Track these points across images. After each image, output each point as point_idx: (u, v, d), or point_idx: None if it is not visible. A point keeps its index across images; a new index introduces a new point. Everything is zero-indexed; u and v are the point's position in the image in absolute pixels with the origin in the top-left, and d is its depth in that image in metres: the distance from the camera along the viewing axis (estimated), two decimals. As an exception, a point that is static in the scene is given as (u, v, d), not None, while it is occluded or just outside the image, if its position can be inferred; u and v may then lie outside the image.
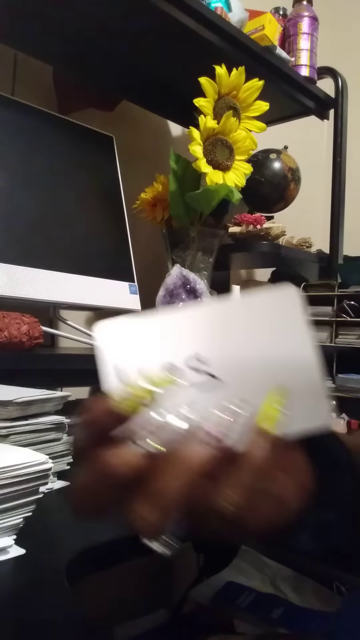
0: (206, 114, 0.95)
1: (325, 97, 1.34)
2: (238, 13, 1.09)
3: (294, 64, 1.26)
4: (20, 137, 0.90)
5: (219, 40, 1.00)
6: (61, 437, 0.52)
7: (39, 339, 0.74)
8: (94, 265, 0.94)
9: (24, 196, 0.87)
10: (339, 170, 1.38)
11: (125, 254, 1.02)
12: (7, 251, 0.81)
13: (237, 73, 0.96)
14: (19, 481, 0.38)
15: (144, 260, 1.13)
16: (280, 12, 1.34)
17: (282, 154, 1.29)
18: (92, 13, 0.91)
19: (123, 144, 1.12)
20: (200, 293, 0.99)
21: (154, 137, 1.36)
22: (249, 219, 1.18)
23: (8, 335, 0.70)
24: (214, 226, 1.13)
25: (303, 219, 1.58)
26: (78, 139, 1.00)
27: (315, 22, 1.30)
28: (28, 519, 0.39)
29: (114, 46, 1.02)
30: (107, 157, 1.06)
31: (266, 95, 1.01)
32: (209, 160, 0.97)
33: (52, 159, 0.94)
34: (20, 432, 0.48)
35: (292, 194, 1.33)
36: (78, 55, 1.05)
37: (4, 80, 1.03)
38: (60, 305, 0.90)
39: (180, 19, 0.92)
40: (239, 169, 1.01)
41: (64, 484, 0.52)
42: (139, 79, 1.13)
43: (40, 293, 0.83)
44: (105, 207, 1.01)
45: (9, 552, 0.37)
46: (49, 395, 0.51)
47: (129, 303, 0.98)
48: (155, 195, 1.13)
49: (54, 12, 0.91)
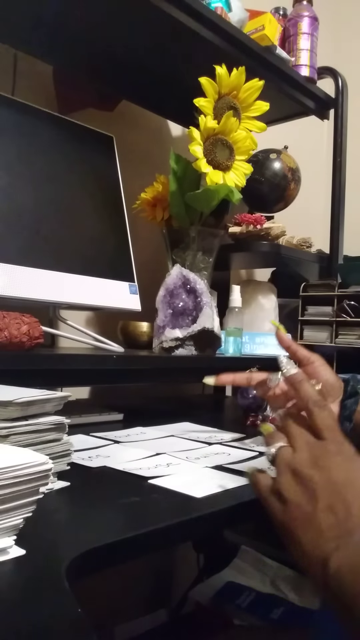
0: (206, 114, 0.95)
1: (325, 97, 1.34)
2: (238, 13, 1.09)
3: (294, 64, 1.26)
4: (20, 137, 0.90)
5: (219, 40, 1.00)
6: (61, 438, 0.52)
7: (39, 339, 0.74)
8: (94, 265, 0.94)
9: (24, 196, 0.87)
10: (339, 170, 1.38)
11: (125, 254, 1.02)
12: (7, 251, 0.81)
13: (237, 73, 0.96)
14: (19, 482, 0.37)
15: (144, 260, 1.13)
16: (280, 12, 1.34)
17: (282, 154, 1.29)
18: (92, 13, 0.91)
19: (123, 144, 1.12)
20: (200, 293, 0.99)
21: (154, 137, 1.36)
22: (249, 219, 1.18)
23: (8, 335, 0.70)
24: (214, 226, 1.13)
25: (303, 219, 1.58)
26: (78, 139, 1.00)
27: (315, 22, 1.30)
28: (28, 520, 0.39)
29: (114, 46, 1.02)
30: (107, 157, 1.06)
31: (266, 95, 1.01)
32: (209, 160, 0.97)
33: (52, 159, 0.94)
34: (20, 432, 0.48)
35: (292, 194, 1.33)
36: (78, 55, 1.05)
37: (4, 80, 1.03)
38: (60, 305, 0.90)
39: (180, 19, 0.92)
40: (239, 169, 1.01)
41: (64, 484, 0.52)
42: (139, 79, 1.13)
43: (40, 293, 0.83)
44: (105, 207, 1.01)
45: (9, 553, 0.36)
46: (49, 395, 0.51)
47: (129, 303, 0.98)
48: (155, 195, 1.13)
49: (54, 12, 0.91)
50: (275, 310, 1.31)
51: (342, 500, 0.40)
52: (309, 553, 0.39)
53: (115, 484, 0.54)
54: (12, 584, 0.33)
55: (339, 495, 0.40)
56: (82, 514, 0.47)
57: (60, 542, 0.41)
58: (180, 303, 1.00)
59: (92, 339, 0.92)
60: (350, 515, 0.38)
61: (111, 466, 0.59)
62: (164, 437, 0.76)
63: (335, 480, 0.41)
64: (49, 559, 0.37)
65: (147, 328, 1.09)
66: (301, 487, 0.42)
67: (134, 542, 0.42)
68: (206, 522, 0.46)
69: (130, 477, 0.56)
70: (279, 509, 0.42)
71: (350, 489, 0.40)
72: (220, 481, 0.54)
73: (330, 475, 0.41)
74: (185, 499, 0.49)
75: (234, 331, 1.10)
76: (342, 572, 0.36)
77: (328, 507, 0.39)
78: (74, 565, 0.36)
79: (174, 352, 0.98)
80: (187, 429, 0.83)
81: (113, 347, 0.91)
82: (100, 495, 0.50)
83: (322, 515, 0.39)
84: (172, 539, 0.48)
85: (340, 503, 0.39)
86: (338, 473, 0.41)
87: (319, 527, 0.39)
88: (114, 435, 0.75)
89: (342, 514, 0.39)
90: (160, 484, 0.53)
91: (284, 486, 0.43)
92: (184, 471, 0.58)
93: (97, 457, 0.62)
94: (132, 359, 0.91)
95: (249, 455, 0.67)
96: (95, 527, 0.44)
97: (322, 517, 0.39)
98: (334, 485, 0.41)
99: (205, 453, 0.66)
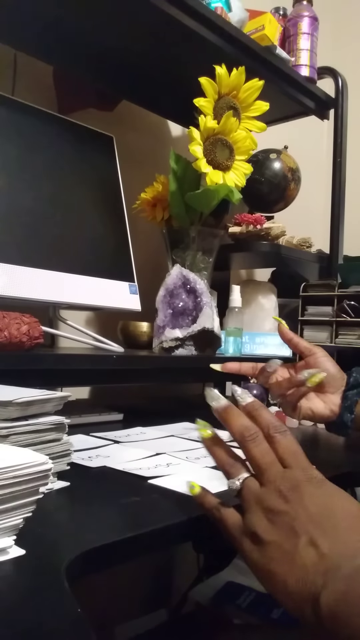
0: (206, 114, 0.95)
1: (325, 97, 1.34)
2: (238, 13, 1.09)
3: (294, 64, 1.26)
4: (20, 137, 0.90)
5: (219, 40, 1.00)
6: (61, 438, 0.52)
7: (39, 339, 0.74)
8: (94, 265, 0.94)
9: (24, 196, 0.87)
10: (339, 170, 1.38)
11: (125, 254, 1.02)
12: (7, 251, 0.81)
13: (237, 73, 0.96)
14: (19, 482, 0.37)
15: (144, 260, 1.13)
16: (280, 12, 1.34)
17: (282, 154, 1.29)
18: (92, 13, 0.91)
19: (123, 144, 1.12)
20: (200, 293, 0.99)
21: (154, 137, 1.36)
22: (249, 219, 1.18)
23: (8, 335, 0.70)
24: (214, 226, 1.13)
25: (303, 219, 1.58)
26: (78, 139, 1.00)
27: (315, 22, 1.30)
28: (28, 520, 0.39)
29: (114, 46, 1.02)
30: (107, 157, 1.06)
31: (266, 95, 1.01)
32: (209, 160, 0.97)
33: (52, 159, 0.94)
34: (20, 432, 0.48)
35: (292, 194, 1.33)
36: (78, 55, 1.05)
37: (4, 80, 1.03)
38: (60, 305, 0.90)
39: (180, 19, 0.92)
40: (239, 169, 1.01)
41: (64, 484, 0.52)
42: (139, 79, 1.13)
43: (40, 293, 0.83)
44: (105, 207, 1.01)
45: (9, 553, 0.36)
46: (49, 395, 0.51)
47: (129, 303, 0.98)
48: (155, 195, 1.13)
49: (53, 12, 0.91)
50: (275, 310, 1.31)
51: (322, 531, 0.37)
52: (295, 594, 0.36)
53: (115, 484, 0.54)
54: (12, 584, 0.33)
55: (318, 526, 0.38)
56: (82, 514, 0.47)
57: (60, 542, 0.41)
58: (180, 303, 1.00)
59: (92, 339, 0.92)
60: (333, 547, 0.36)
61: (111, 466, 0.59)
62: (164, 437, 0.76)
63: (310, 511, 0.39)
64: (49, 559, 0.37)
65: (147, 328, 1.09)
66: (277, 525, 0.39)
67: (134, 542, 0.42)
68: (206, 522, 0.46)
69: (130, 477, 0.56)
70: (254, 550, 0.40)
71: (327, 517, 0.38)
72: (220, 481, 0.54)
73: (304, 506, 0.39)
74: (185, 499, 0.49)
75: (234, 331, 1.10)
76: (335, 609, 0.33)
77: (309, 542, 0.37)
78: (74, 565, 0.36)
79: (174, 352, 0.98)
80: (187, 428, 0.83)
81: (113, 347, 0.91)
82: (100, 495, 0.50)
83: (305, 551, 0.37)
84: (172, 539, 0.48)
85: (320, 535, 0.37)
86: (312, 502, 0.39)
87: (303, 565, 0.36)
88: (114, 435, 0.75)
89: (325, 547, 0.36)
90: (160, 484, 0.53)
91: (259, 527, 0.40)
92: (184, 471, 0.58)
93: (97, 457, 0.62)
94: (132, 359, 0.91)
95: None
96: (95, 527, 0.44)
97: (305, 554, 0.37)
98: (310, 517, 0.38)
99: (205, 453, 0.66)
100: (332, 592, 0.34)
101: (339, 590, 0.34)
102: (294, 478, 0.41)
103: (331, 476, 0.64)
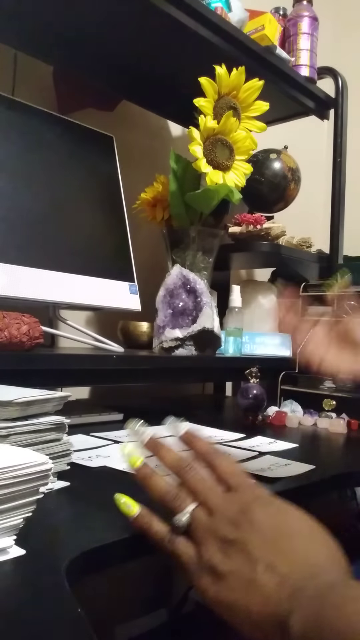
0: (206, 114, 0.95)
1: (325, 97, 1.34)
2: (238, 13, 1.09)
3: (294, 64, 1.26)
4: (20, 137, 0.90)
5: (219, 40, 1.00)
6: (61, 438, 0.52)
7: (39, 339, 0.74)
8: (94, 265, 0.94)
9: (24, 196, 0.87)
10: (339, 170, 1.38)
11: (125, 254, 1.02)
12: (7, 251, 0.81)
13: (237, 73, 0.96)
14: (19, 481, 0.38)
15: (144, 260, 1.13)
16: (280, 12, 1.34)
17: (282, 154, 1.29)
18: (92, 13, 0.91)
19: (123, 144, 1.12)
20: (200, 293, 0.99)
21: (154, 137, 1.36)
22: (249, 219, 1.18)
23: (8, 335, 0.70)
24: (214, 226, 1.13)
25: (303, 219, 1.58)
26: (78, 139, 1.00)
27: (315, 22, 1.30)
28: (28, 519, 0.39)
29: (114, 46, 1.02)
30: (107, 157, 1.06)
31: (266, 95, 1.01)
32: (209, 160, 0.97)
33: (52, 159, 0.94)
34: (20, 432, 0.48)
35: (292, 194, 1.33)
36: (78, 55, 1.05)
37: (4, 80, 1.03)
38: (60, 305, 0.90)
39: (180, 19, 0.92)
40: (239, 169, 1.01)
41: (64, 484, 0.52)
42: (139, 79, 1.13)
43: (40, 293, 0.83)
44: (105, 207, 1.01)
45: (9, 553, 0.36)
46: (49, 395, 0.51)
47: (129, 303, 0.98)
48: (155, 195, 1.13)
49: (53, 12, 0.91)
50: (275, 310, 1.31)
51: (278, 553, 0.36)
52: (261, 623, 0.34)
53: (115, 484, 0.54)
54: (12, 584, 0.33)
55: (273, 549, 0.36)
56: (82, 514, 0.47)
57: (60, 542, 0.41)
58: (180, 303, 1.00)
59: (92, 339, 0.92)
60: (292, 569, 0.35)
61: (111, 466, 0.59)
62: (163, 437, 0.76)
63: (264, 533, 0.37)
64: (49, 559, 0.37)
65: (147, 328, 1.09)
66: (232, 554, 0.37)
67: (133, 542, 0.42)
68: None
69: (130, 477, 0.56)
70: (214, 584, 0.37)
71: (282, 538, 0.37)
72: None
73: (256, 529, 0.37)
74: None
75: (234, 331, 1.10)
76: (306, 633, 0.31)
77: (267, 567, 0.35)
78: (74, 565, 0.36)
79: (174, 352, 0.98)
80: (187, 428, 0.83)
81: (113, 347, 0.91)
82: (100, 495, 0.50)
83: (264, 577, 0.35)
84: (172, 539, 0.47)
85: (279, 557, 0.36)
86: (263, 524, 0.37)
87: (265, 591, 0.34)
88: (114, 435, 0.75)
89: (285, 569, 0.35)
90: (160, 484, 0.53)
91: (215, 560, 0.37)
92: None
93: (97, 457, 0.62)
94: (132, 359, 0.91)
95: (249, 455, 0.67)
96: (95, 527, 0.44)
97: (266, 580, 0.35)
98: (264, 540, 0.37)
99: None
100: (301, 616, 0.32)
101: (308, 613, 0.32)
102: (240, 501, 0.40)
103: (331, 476, 0.64)
